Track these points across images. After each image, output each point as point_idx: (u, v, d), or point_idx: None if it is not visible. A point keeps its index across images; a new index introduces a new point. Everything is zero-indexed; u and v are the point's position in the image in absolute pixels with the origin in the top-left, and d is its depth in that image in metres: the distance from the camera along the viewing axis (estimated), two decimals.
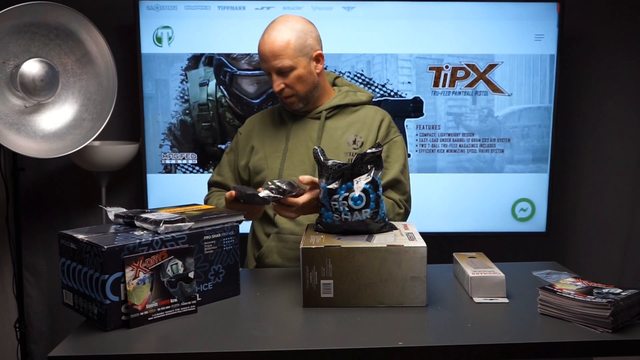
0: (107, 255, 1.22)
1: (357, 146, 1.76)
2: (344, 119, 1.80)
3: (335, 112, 1.80)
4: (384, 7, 2.54)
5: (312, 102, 1.78)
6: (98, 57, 2.23)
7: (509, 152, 2.63)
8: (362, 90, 1.88)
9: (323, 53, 1.75)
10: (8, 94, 2.11)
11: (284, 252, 1.74)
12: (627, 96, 2.75)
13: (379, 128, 1.79)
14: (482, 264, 1.52)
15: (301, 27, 1.70)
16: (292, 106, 1.76)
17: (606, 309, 1.21)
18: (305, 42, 1.69)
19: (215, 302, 1.41)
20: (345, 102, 1.80)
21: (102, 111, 2.25)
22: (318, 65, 1.74)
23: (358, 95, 1.83)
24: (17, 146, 2.08)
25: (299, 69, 1.69)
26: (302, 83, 1.71)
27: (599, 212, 2.82)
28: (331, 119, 1.79)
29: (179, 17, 2.53)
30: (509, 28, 2.55)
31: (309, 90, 1.74)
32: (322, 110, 1.78)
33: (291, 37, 1.67)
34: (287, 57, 1.66)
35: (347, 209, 1.42)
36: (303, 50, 1.69)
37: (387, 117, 1.82)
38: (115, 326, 1.25)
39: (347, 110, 1.81)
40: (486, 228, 2.66)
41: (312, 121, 1.79)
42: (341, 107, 1.80)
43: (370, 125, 1.78)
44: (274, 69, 1.68)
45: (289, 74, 1.68)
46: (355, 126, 1.79)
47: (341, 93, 1.82)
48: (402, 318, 1.30)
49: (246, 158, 1.83)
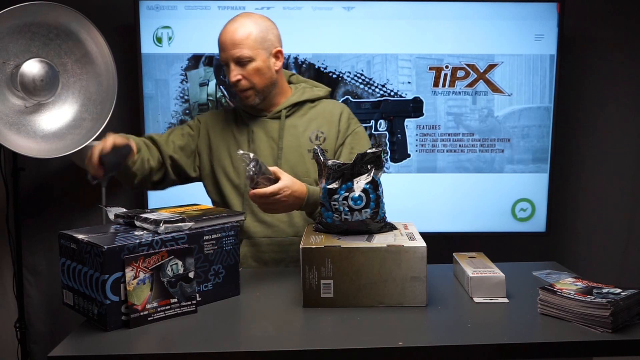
0: (107, 255, 1.22)
1: (320, 142, 1.77)
2: (303, 115, 1.80)
3: (294, 110, 1.80)
4: (384, 7, 2.54)
5: (269, 99, 1.78)
6: (98, 57, 2.23)
7: (508, 152, 2.63)
8: (318, 85, 1.89)
9: (283, 52, 1.76)
10: (8, 94, 2.11)
11: (258, 256, 1.75)
12: (627, 96, 2.75)
13: (339, 121, 1.80)
14: (482, 264, 1.52)
15: (263, 22, 1.72)
16: (248, 100, 1.74)
17: (606, 309, 1.21)
18: (266, 37, 1.70)
19: (215, 302, 1.41)
20: (303, 98, 1.80)
21: (102, 111, 2.25)
22: (277, 62, 1.74)
23: (315, 91, 1.84)
24: (17, 146, 2.08)
25: (258, 62, 1.69)
26: (260, 76, 1.71)
27: (599, 212, 2.81)
28: (291, 117, 1.79)
29: (179, 17, 2.53)
30: (509, 28, 2.55)
31: (266, 86, 1.73)
32: (281, 110, 1.78)
33: (253, 29, 1.68)
34: (247, 47, 1.67)
35: (347, 209, 1.42)
36: (263, 44, 1.70)
37: (345, 110, 1.83)
38: (115, 326, 1.25)
39: (306, 107, 1.81)
40: (486, 228, 2.66)
41: (272, 121, 1.79)
42: (299, 104, 1.80)
43: (330, 120, 1.79)
44: (233, 58, 1.68)
45: (247, 65, 1.69)
46: (315, 122, 1.79)
47: (298, 90, 1.82)
48: (402, 318, 1.30)
49: (206, 150, 1.81)
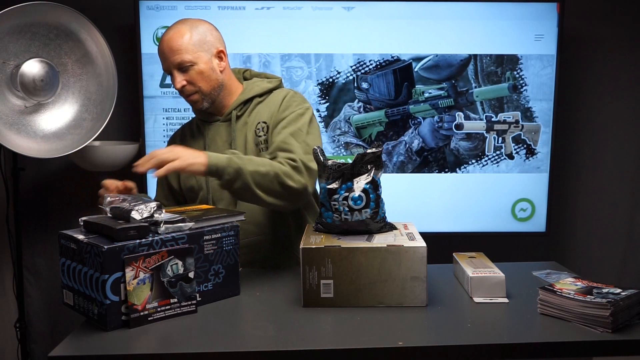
0: (107, 255, 1.22)
1: (263, 132, 1.71)
2: (252, 112, 1.75)
3: (245, 108, 1.75)
4: (384, 7, 2.54)
5: (219, 101, 1.74)
6: (98, 57, 2.23)
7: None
8: (271, 76, 1.82)
9: (226, 51, 1.72)
10: (8, 94, 2.11)
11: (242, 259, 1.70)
12: (627, 96, 2.75)
13: (280, 106, 1.71)
14: (482, 264, 1.52)
15: (200, 25, 1.69)
16: (197, 105, 1.71)
17: (606, 309, 1.21)
18: (205, 39, 1.67)
19: (215, 302, 1.41)
20: (251, 94, 1.75)
21: (102, 111, 2.25)
22: (221, 63, 1.70)
23: (265, 83, 1.78)
24: (17, 146, 2.08)
25: (200, 64, 1.66)
26: (205, 80, 1.68)
27: (599, 212, 2.82)
28: (242, 117, 1.74)
29: (179, 17, 2.47)
30: (509, 28, 2.56)
31: (213, 88, 1.70)
32: (231, 111, 1.74)
33: (189, 33, 1.66)
34: (186, 51, 1.64)
35: (347, 209, 1.41)
36: (203, 46, 1.67)
37: (289, 93, 1.74)
38: (115, 326, 1.25)
39: (255, 102, 1.76)
40: (486, 228, 2.66)
41: (225, 124, 1.75)
42: (248, 101, 1.75)
43: (272, 108, 1.73)
44: (174, 65, 1.65)
45: (190, 69, 1.65)
46: (260, 114, 1.73)
47: (247, 87, 1.77)
48: (402, 318, 1.30)
49: (175, 175, 1.79)
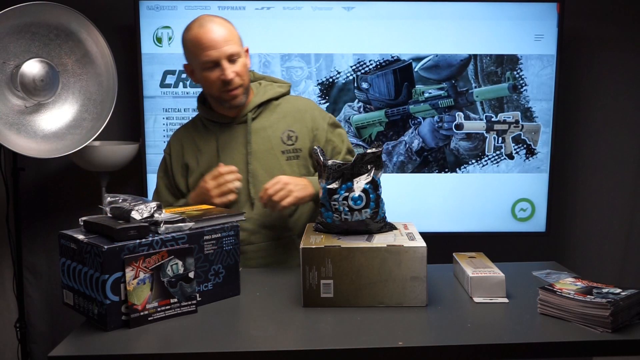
0: (107, 255, 1.22)
1: (293, 142, 1.71)
2: (270, 115, 1.74)
3: (260, 111, 1.73)
4: (384, 7, 2.54)
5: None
6: (98, 57, 2.23)
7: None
8: (278, 80, 1.82)
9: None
10: (8, 94, 2.11)
11: (244, 263, 1.67)
12: (627, 96, 2.75)
13: (312, 119, 1.75)
14: (482, 264, 1.52)
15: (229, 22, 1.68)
16: (237, 99, 1.66)
17: (606, 308, 1.21)
18: (239, 35, 1.67)
19: (215, 302, 1.41)
20: (267, 97, 1.73)
21: (102, 111, 2.25)
22: (248, 60, 1.70)
23: (276, 88, 1.77)
24: (17, 146, 2.08)
25: (243, 58, 1.66)
26: (246, 74, 1.67)
27: (599, 212, 2.81)
28: (257, 119, 1.73)
29: (179, 17, 2.53)
30: (509, 28, 2.56)
31: (248, 83, 1.69)
32: (247, 113, 1.71)
33: (231, 26, 1.65)
34: (235, 43, 1.63)
35: (347, 209, 1.41)
36: (240, 42, 1.66)
37: (310, 105, 1.80)
38: (115, 326, 1.25)
39: (270, 106, 1.74)
40: (486, 228, 2.66)
41: (238, 126, 1.72)
42: (264, 103, 1.74)
43: (299, 118, 1.74)
44: (226, 55, 1.60)
45: (237, 61, 1.63)
46: (284, 121, 1.73)
47: (260, 89, 1.75)
48: (402, 318, 1.30)
49: (183, 178, 1.76)
